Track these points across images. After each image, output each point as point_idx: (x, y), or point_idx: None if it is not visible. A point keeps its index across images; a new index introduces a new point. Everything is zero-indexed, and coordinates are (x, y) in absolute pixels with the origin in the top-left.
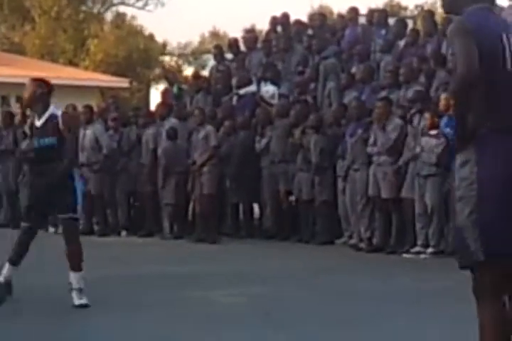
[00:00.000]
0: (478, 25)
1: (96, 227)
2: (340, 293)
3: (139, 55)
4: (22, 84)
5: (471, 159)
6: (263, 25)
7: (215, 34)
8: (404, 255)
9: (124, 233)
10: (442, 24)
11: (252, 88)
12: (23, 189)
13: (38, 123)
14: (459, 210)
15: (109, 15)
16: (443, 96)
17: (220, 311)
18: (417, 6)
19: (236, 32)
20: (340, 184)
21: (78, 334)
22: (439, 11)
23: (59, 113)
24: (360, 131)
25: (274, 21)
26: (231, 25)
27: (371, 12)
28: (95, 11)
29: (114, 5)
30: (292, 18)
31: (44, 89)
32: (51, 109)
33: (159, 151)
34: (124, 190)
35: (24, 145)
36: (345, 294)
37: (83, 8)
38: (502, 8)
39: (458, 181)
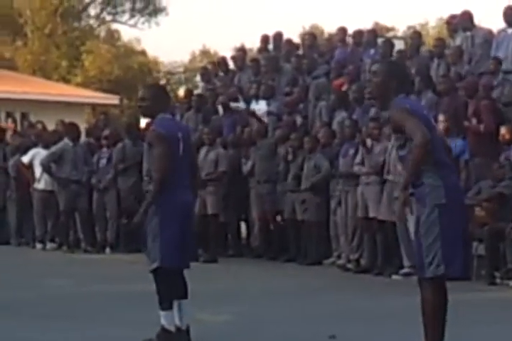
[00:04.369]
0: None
1: (83, 244)
2: (328, 312)
3: (134, 73)
4: (11, 100)
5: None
6: (253, 44)
7: (205, 52)
8: (394, 276)
9: (108, 250)
10: (434, 46)
11: (241, 105)
12: (12, 204)
13: None
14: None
15: (102, 33)
16: (441, 118)
17: (207, 330)
18: (409, 27)
19: (226, 50)
20: (332, 204)
21: None
22: (431, 32)
23: None
24: (351, 151)
25: (266, 40)
26: (221, 44)
27: (359, 33)
28: (87, 27)
29: (106, 22)
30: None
31: None
32: None
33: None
34: (113, 207)
35: None
36: (332, 314)
37: (76, 24)
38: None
39: None
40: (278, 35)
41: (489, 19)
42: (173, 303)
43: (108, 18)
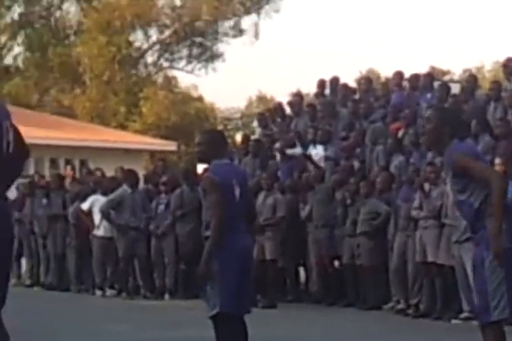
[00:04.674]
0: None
1: (142, 290)
2: None
3: (191, 119)
4: (71, 147)
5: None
6: (309, 89)
7: (261, 98)
8: (453, 321)
9: (167, 296)
10: (490, 89)
11: (297, 150)
12: (71, 251)
13: None
14: None
15: (159, 79)
16: (497, 161)
17: None
18: (465, 71)
19: (283, 96)
20: (391, 248)
21: None
22: (487, 75)
23: None
24: (415, 196)
25: (322, 84)
26: (278, 89)
27: (415, 77)
28: (145, 73)
29: (163, 68)
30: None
31: None
32: None
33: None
34: (171, 253)
35: None
36: None
37: (133, 71)
38: None
39: None
40: (334, 80)
41: None
42: None
43: (165, 64)
